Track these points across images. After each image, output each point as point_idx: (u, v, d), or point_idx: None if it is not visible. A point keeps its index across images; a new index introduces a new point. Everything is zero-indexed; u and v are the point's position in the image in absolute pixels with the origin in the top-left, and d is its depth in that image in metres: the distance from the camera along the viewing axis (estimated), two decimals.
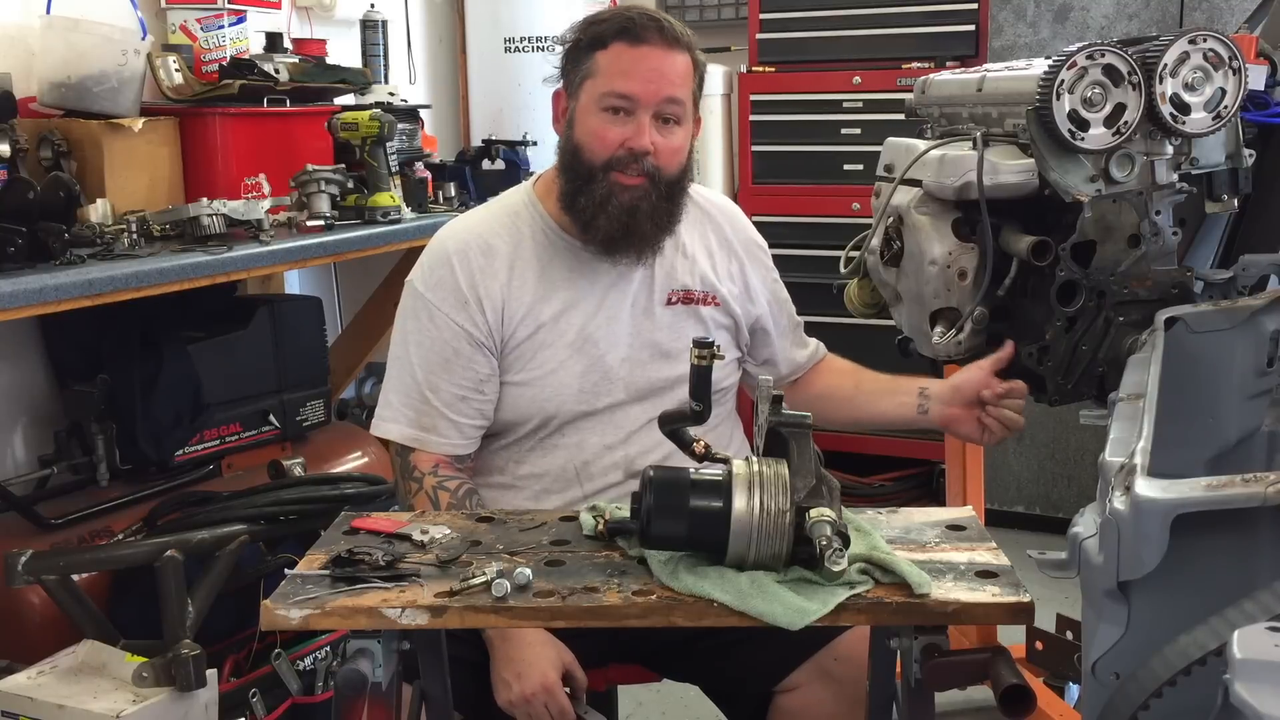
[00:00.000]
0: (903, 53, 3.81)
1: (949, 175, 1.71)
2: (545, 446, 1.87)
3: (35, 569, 2.07)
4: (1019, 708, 1.24)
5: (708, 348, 1.45)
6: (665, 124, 1.80)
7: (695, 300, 1.92)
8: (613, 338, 1.87)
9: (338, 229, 2.84)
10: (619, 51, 1.78)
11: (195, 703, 1.97)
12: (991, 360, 1.78)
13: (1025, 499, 3.84)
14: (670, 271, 1.91)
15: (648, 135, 1.78)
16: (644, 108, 1.78)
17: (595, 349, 1.86)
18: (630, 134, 1.78)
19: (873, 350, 3.77)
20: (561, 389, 1.85)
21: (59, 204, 2.33)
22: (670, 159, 1.81)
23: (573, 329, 1.86)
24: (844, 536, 1.25)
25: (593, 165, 1.81)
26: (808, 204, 3.99)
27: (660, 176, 1.81)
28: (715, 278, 1.95)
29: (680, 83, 1.80)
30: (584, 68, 1.82)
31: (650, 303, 1.90)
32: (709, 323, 1.92)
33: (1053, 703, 2.35)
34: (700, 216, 1.98)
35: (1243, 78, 1.59)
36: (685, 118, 1.82)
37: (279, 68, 2.94)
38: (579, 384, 1.85)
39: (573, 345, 1.86)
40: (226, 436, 2.82)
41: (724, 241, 1.99)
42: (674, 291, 1.91)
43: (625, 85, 1.78)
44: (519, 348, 1.86)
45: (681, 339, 1.88)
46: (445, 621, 1.28)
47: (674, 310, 1.90)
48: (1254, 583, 0.97)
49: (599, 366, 1.86)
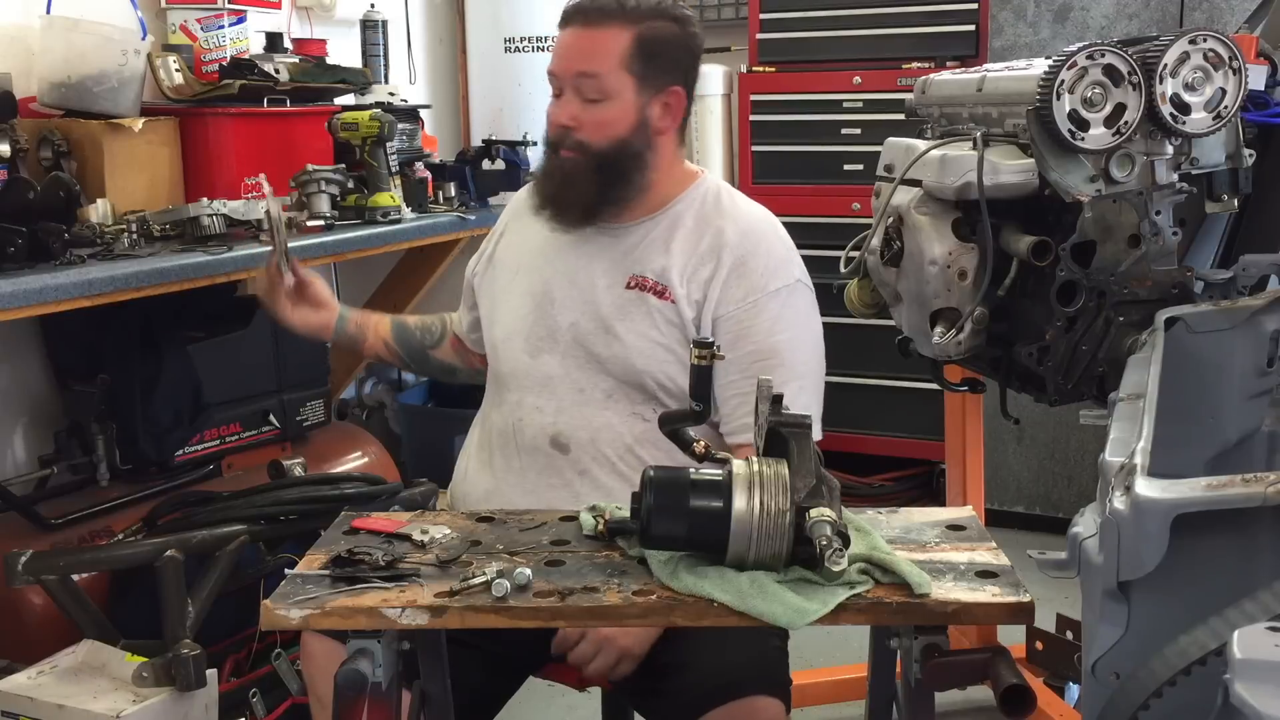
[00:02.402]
0: (903, 53, 3.81)
1: (949, 175, 1.70)
2: (499, 399, 2.00)
3: (35, 569, 2.07)
4: (1019, 708, 1.24)
5: (707, 347, 1.45)
6: (590, 102, 1.88)
7: (648, 289, 1.92)
8: (567, 300, 1.95)
9: (338, 229, 2.84)
10: (557, 37, 1.94)
11: (195, 703, 1.97)
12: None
13: (1025, 499, 3.84)
14: (643, 259, 1.93)
15: (564, 109, 1.89)
16: (564, 84, 1.90)
17: (550, 305, 1.96)
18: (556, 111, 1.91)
19: (873, 350, 3.81)
20: (511, 331, 1.98)
21: (59, 204, 2.33)
22: (595, 132, 1.88)
23: (538, 279, 1.98)
24: (844, 536, 1.25)
25: (546, 144, 1.96)
26: (808, 204, 3.99)
27: (587, 149, 1.89)
28: (678, 277, 1.90)
29: (595, 58, 1.86)
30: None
31: (613, 281, 1.93)
32: (656, 315, 1.90)
33: (1053, 703, 2.36)
34: (715, 225, 1.93)
35: (1243, 78, 1.59)
36: (614, 93, 1.87)
37: (279, 68, 2.93)
38: (527, 329, 1.96)
39: (531, 293, 1.98)
40: (226, 436, 2.82)
41: (713, 250, 1.91)
42: (634, 276, 1.93)
43: (551, 65, 1.92)
44: (494, 277, 2.06)
45: (626, 320, 1.91)
46: (445, 621, 1.28)
47: (630, 294, 1.93)
48: (1254, 583, 0.97)
49: (546, 321, 1.95)
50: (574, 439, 1.90)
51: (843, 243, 2.07)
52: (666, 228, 1.94)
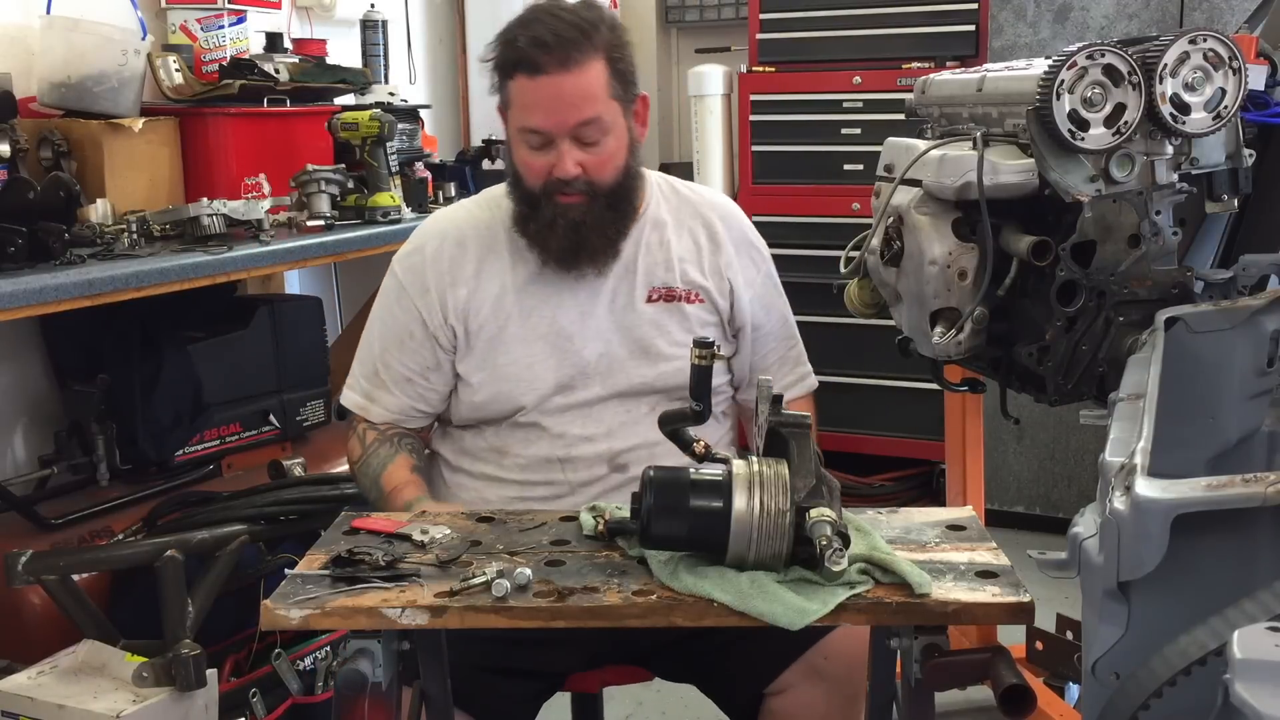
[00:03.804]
0: (903, 53, 3.81)
1: (949, 175, 1.70)
2: (527, 436, 1.88)
3: (35, 569, 2.07)
4: (1019, 708, 1.24)
5: (708, 347, 1.45)
6: (592, 145, 1.80)
7: (677, 297, 1.91)
8: (588, 333, 1.88)
9: (338, 229, 2.84)
10: (522, 85, 1.78)
11: (195, 703, 1.97)
12: None
13: (1025, 499, 3.84)
14: (651, 268, 1.91)
15: (569, 161, 1.79)
16: (559, 138, 1.79)
17: (569, 344, 1.88)
18: (553, 162, 1.80)
19: (873, 350, 3.81)
20: (536, 381, 1.87)
21: (59, 204, 2.33)
22: (601, 171, 1.82)
23: (544, 322, 1.88)
24: (844, 536, 1.25)
25: (533, 192, 1.84)
26: (808, 204, 3.99)
27: (598, 189, 1.83)
28: (700, 274, 1.93)
29: (589, 101, 1.78)
30: (504, 95, 1.83)
31: (631, 299, 1.90)
32: (693, 319, 1.91)
33: (1053, 703, 2.35)
34: (691, 213, 1.97)
35: (1243, 78, 1.59)
36: (610, 127, 1.81)
37: (279, 68, 2.94)
38: (554, 377, 1.87)
39: (545, 339, 1.88)
40: (226, 436, 2.82)
41: (713, 237, 1.96)
42: (654, 289, 1.91)
43: (534, 120, 1.79)
44: (487, 340, 1.89)
45: (664, 335, 1.89)
46: (445, 621, 1.28)
47: (655, 307, 1.90)
48: (1254, 583, 0.97)
49: (574, 361, 1.88)
50: (632, 458, 1.86)
51: (843, 243, 2.07)
52: (652, 231, 1.93)
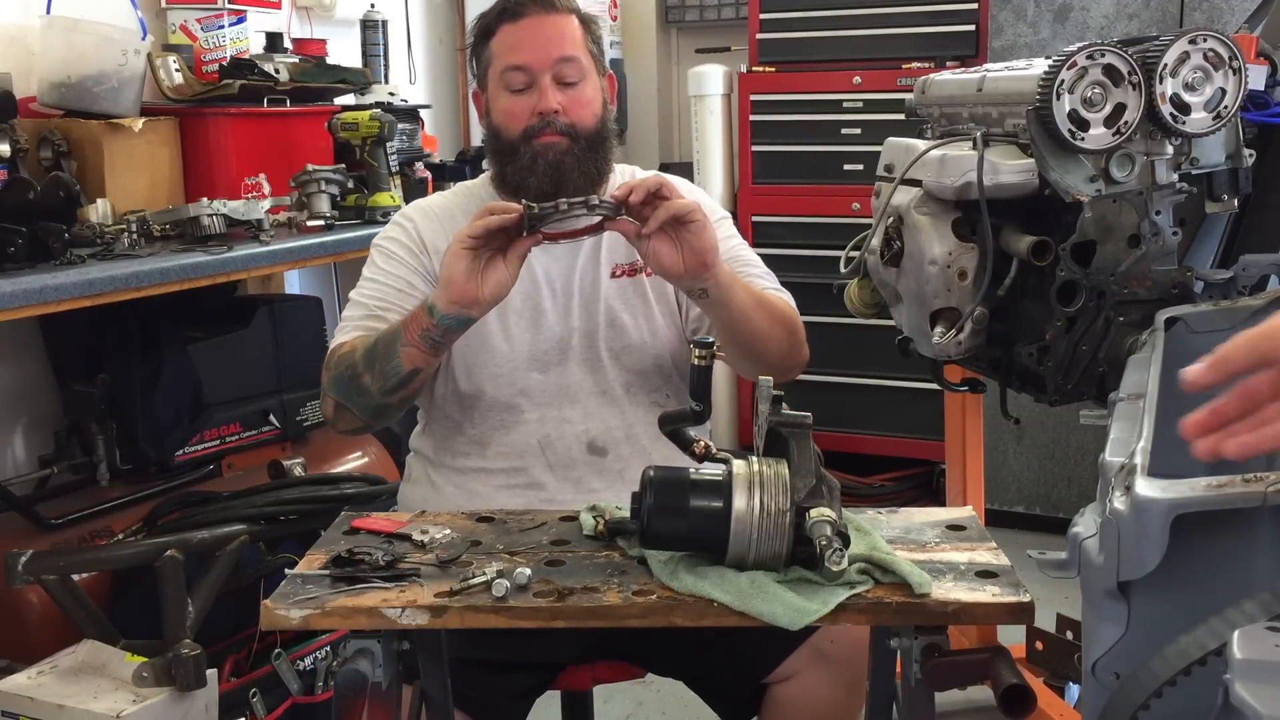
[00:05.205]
0: (903, 53, 3.81)
1: (949, 175, 1.70)
2: (507, 424, 1.89)
3: (35, 569, 2.07)
4: (1019, 708, 1.24)
5: (708, 347, 1.45)
6: (568, 86, 1.87)
7: (638, 271, 1.94)
8: (559, 308, 1.91)
9: (338, 229, 2.84)
10: (506, 32, 1.89)
11: (195, 703, 1.97)
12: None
13: (1025, 499, 3.84)
14: (614, 245, 1.93)
15: (551, 96, 1.85)
16: (541, 73, 1.86)
17: (542, 318, 1.91)
18: (534, 103, 1.86)
19: (873, 350, 3.81)
20: (514, 356, 1.89)
21: (59, 204, 2.34)
22: (581, 112, 1.88)
23: (515, 296, 1.86)
24: (844, 536, 1.25)
25: (512, 139, 1.88)
26: (808, 204, 4.00)
27: (577, 131, 1.87)
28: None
29: (570, 42, 1.88)
30: (484, 60, 1.92)
31: (598, 275, 1.93)
32: (649, 294, 1.94)
33: (1053, 703, 2.35)
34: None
35: (1243, 78, 1.59)
36: (587, 73, 1.89)
37: (279, 68, 2.94)
38: (529, 350, 1.89)
39: (514, 311, 1.90)
40: (226, 436, 2.82)
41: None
42: (618, 265, 1.94)
43: (518, 57, 1.87)
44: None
45: (628, 310, 1.92)
46: (445, 621, 1.28)
47: (619, 283, 1.93)
48: (1254, 583, 0.97)
49: (547, 334, 1.90)
50: (610, 440, 1.88)
51: (843, 243, 2.07)
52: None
